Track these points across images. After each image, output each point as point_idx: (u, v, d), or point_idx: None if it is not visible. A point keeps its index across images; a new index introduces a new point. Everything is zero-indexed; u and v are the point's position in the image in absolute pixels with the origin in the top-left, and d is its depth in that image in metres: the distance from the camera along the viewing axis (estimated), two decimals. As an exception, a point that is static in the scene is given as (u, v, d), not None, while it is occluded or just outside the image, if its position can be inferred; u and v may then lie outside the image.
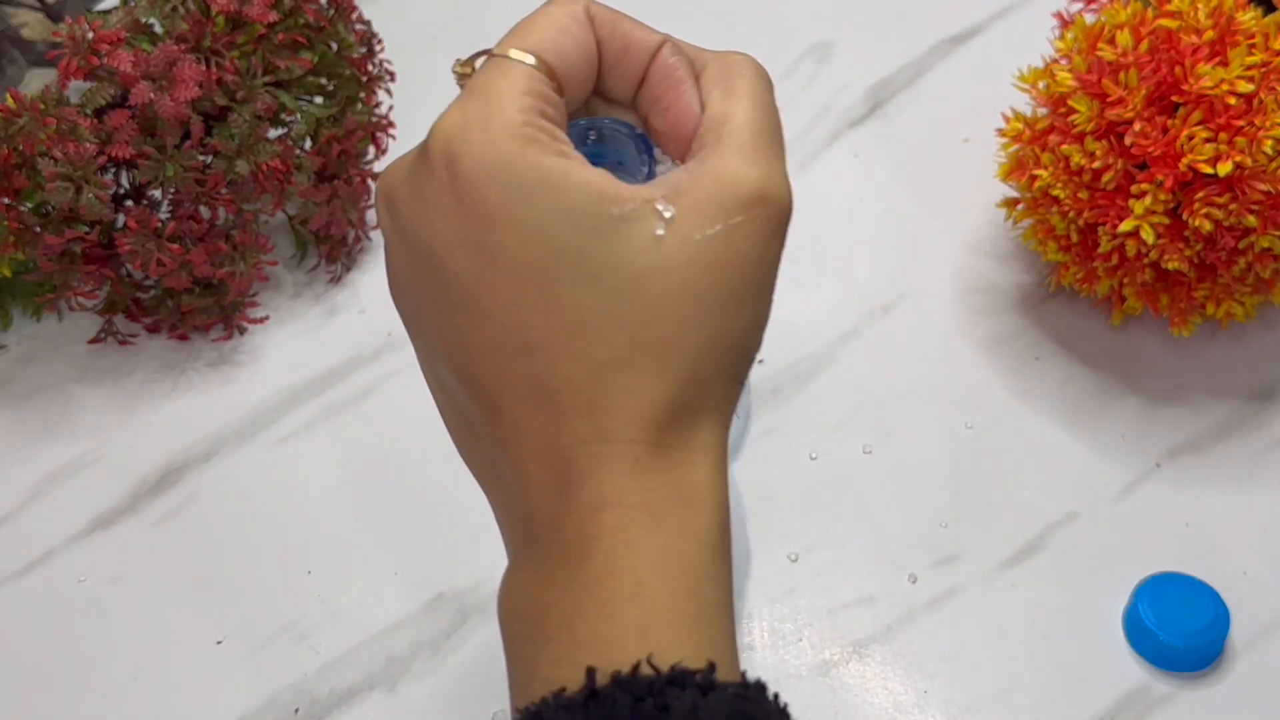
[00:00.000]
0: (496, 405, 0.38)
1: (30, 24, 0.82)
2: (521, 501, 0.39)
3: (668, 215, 0.38)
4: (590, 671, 0.36)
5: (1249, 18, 0.67)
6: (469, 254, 0.38)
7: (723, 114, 0.40)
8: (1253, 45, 0.66)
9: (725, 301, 0.38)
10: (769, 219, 0.39)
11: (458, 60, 0.42)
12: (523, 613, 0.39)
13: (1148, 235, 0.66)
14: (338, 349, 0.76)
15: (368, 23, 0.79)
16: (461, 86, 0.41)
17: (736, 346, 0.39)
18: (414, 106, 0.83)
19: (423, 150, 0.39)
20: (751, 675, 0.37)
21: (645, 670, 0.36)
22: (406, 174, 0.39)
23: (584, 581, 0.37)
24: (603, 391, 0.37)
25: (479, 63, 0.41)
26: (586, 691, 0.35)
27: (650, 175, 0.42)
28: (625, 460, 0.37)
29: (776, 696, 0.37)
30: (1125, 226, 0.67)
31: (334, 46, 0.76)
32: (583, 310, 0.37)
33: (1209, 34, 0.66)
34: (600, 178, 0.38)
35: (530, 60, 0.39)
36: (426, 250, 0.39)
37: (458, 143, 0.38)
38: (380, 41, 0.79)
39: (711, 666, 0.36)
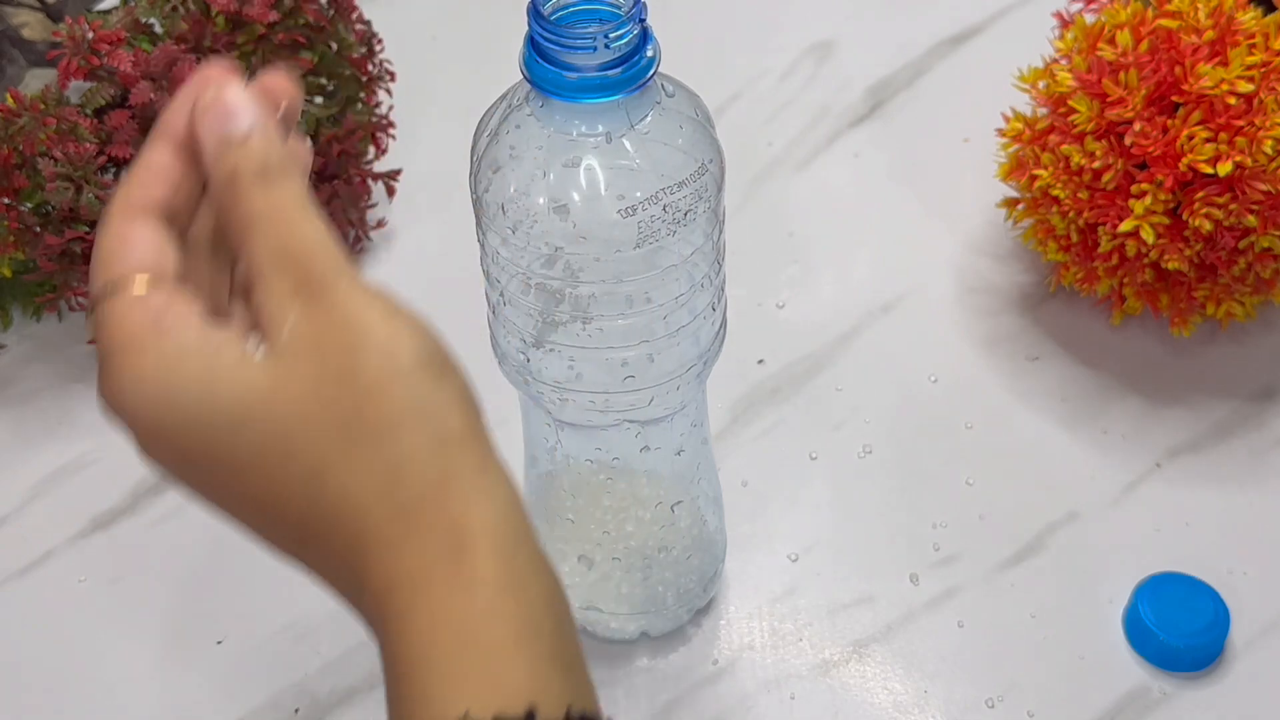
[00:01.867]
0: (295, 558, 0.42)
1: (30, 24, 0.82)
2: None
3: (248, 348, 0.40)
4: None
5: (1249, 18, 0.67)
6: (188, 470, 0.42)
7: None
8: (1253, 45, 0.66)
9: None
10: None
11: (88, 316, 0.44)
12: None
13: (1148, 235, 0.67)
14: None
15: (368, 23, 0.79)
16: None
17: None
18: (414, 106, 0.83)
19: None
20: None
21: None
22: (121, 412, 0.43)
23: (387, 663, 0.40)
24: (326, 505, 0.39)
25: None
26: None
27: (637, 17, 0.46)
28: (381, 542, 0.39)
29: None
30: (1125, 226, 0.67)
31: (334, 46, 0.76)
32: (244, 459, 0.40)
33: (1209, 34, 0.66)
34: (210, 381, 0.40)
35: (138, 288, 0.43)
36: (167, 474, 0.43)
37: (120, 407, 0.42)
38: (380, 41, 0.79)
39: (529, 712, 0.37)
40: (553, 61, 0.48)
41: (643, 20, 0.48)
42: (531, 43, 0.49)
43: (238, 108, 0.42)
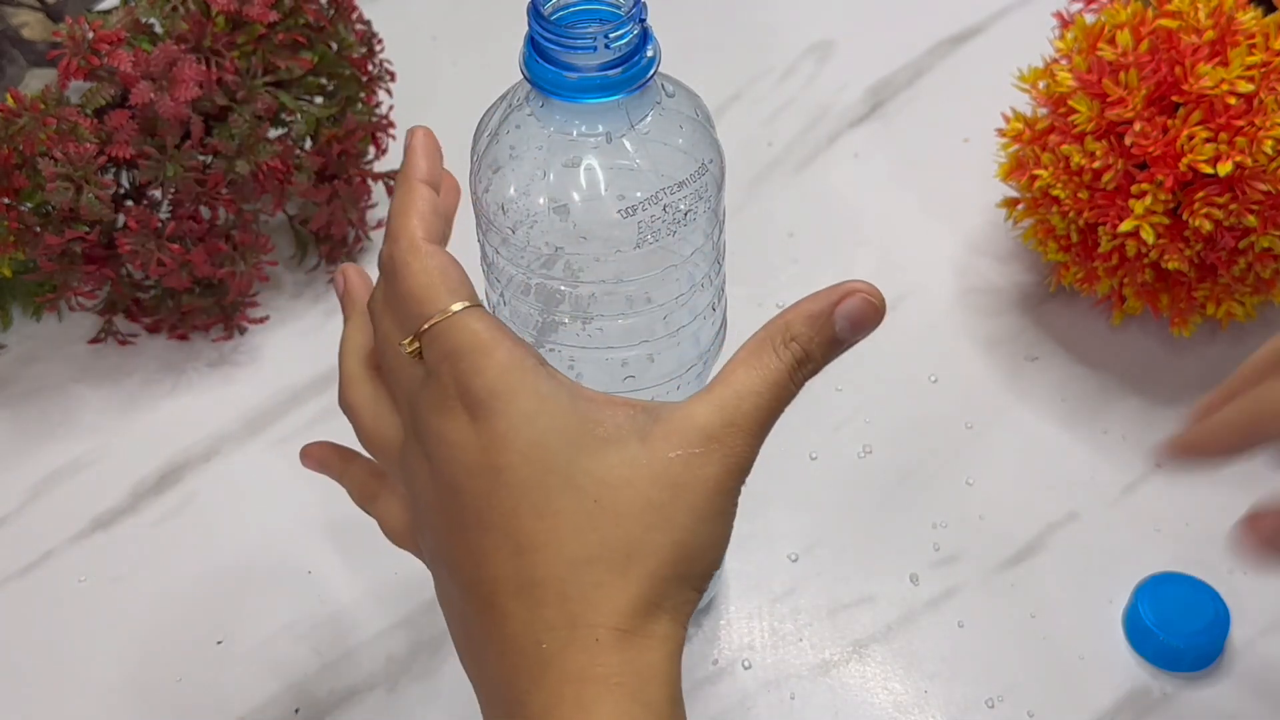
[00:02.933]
0: (490, 601, 0.44)
1: (30, 24, 0.82)
2: (500, 684, 0.44)
3: (645, 438, 0.44)
4: None
5: (1249, 18, 0.67)
6: (483, 477, 0.44)
7: (730, 374, 0.46)
8: (1253, 45, 0.66)
9: (685, 517, 0.43)
10: (726, 459, 0.44)
11: (403, 345, 0.47)
12: None
13: (1148, 235, 0.67)
14: (337, 349, 0.76)
15: (368, 23, 0.79)
16: (418, 357, 0.46)
17: (694, 558, 0.44)
18: (414, 106, 0.83)
19: (435, 384, 0.45)
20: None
21: None
22: (427, 407, 0.46)
23: None
24: (574, 584, 0.43)
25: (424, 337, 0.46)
26: None
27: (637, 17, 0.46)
28: (587, 641, 0.42)
29: None
30: (1125, 226, 0.67)
31: (334, 46, 0.76)
32: (566, 514, 0.43)
33: (1209, 34, 0.66)
34: (586, 402, 0.44)
35: (466, 310, 0.46)
36: (452, 484, 0.44)
37: (467, 380, 0.44)
38: (380, 41, 0.79)
39: None
40: (553, 61, 0.48)
41: (643, 20, 0.48)
42: (531, 42, 0.49)
43: None
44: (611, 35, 0.47)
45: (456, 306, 0.45)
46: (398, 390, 0.48)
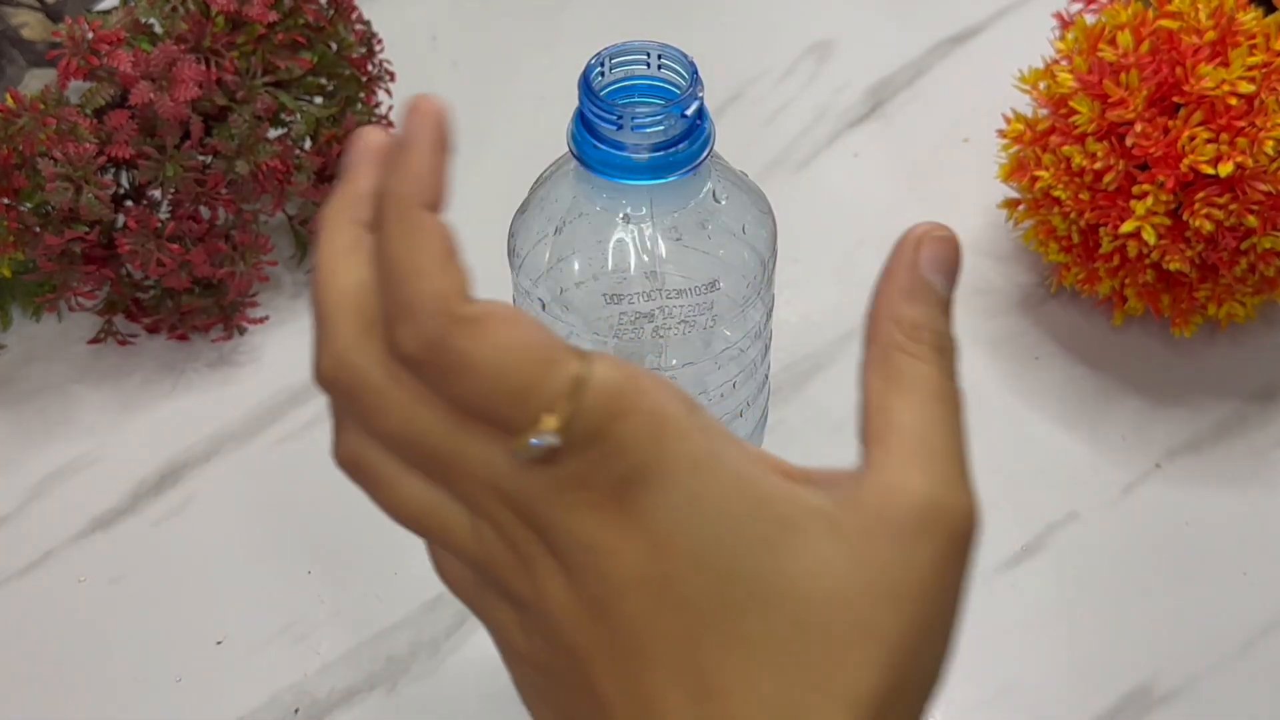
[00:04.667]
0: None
1: (30, 24, 0.82)
2: None
3: (836, 528, 0.33)
4: None
5: (1250, 18, 0.67)
6: (644, 592, 0.32)
7: (884, 407, 0.35)
8: (1254, 46, 0.66)
9: (909, 640, 0.33)
10: (951, 539, 0.34)
11: (546, 427, 0.32)
12: None
13: (1149, 236, 0.66)
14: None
15: (368, 23, 0.79)
16: (563, 435, 0.32)
17: (920, 689, 0.35)
18: (414, 106, 0.83)
19: (588, 460, 0.32)
20: None
21: None
22: (589, 507, 0.33)
23: None
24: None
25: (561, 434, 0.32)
26: None
27: (694, 97, 0.43)
28: None
29: None
30: (1126, 227, 0.67)
31: (334, 46, 0.76)
32: (760, 643, 0.32)
33: (1210, 35, 0.66)
34: (748, 464, 0.33)
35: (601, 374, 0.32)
36: (599, 601, 0.33)
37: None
38: (380, 41, 0.79)
39: None
40: (604, 140, 0.47)
41: (700, 98, 0.46)
42: (582, 119, 0.47)
43: None
44: (667, 118, 0.45)
45: (579, 367, 0.32)
46: (469, 485, 0.34)
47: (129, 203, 0.72)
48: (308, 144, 0.76)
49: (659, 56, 0.46)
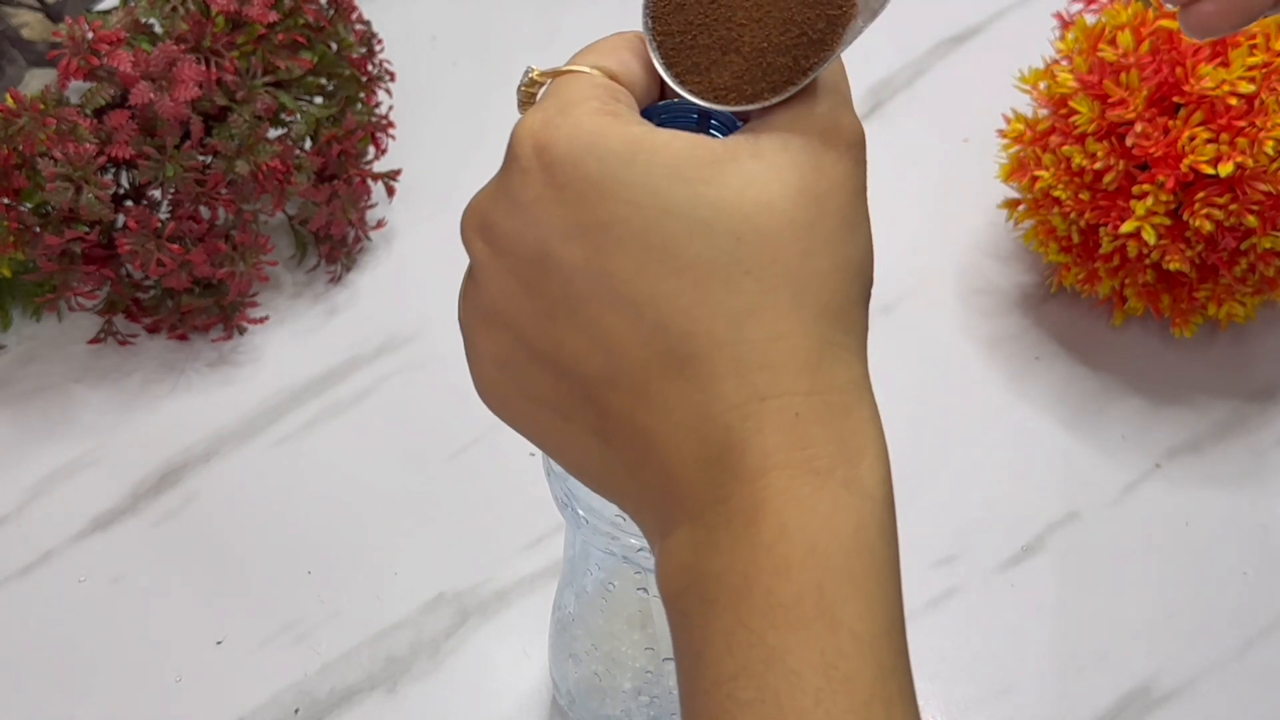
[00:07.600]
0: (642, 392, 0.36)
1: (30, 24, 0.82)
2: (673, 486, 0.37)
3: (758, 152, 0.37)
4: None
5: (1249, 18, 0.67)
6: (583, 240, 0.36)
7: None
8: (1254, 46, 0.66)
9: (838, 229, 0.38)
10: (850, 147, 0.39)
11: (522, 82, 0.41)
12: (689, 586, 0.36)
13: (1149, 236, 0.67)
14: (338, 349, 0.76)
15: (368, 23, 0.79)
16: (524, 106, 0.40)
17: (859, 272, 0.39)
18: (414, 106, 0.83)
19: (507, 161, 0.38)
20: None
21: None
22: (493, 194, 0.39)
23: (754, 546, 0.35)
24: (745, 346, 0.36)
25: (541, 86, 0.41)
26: None
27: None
28: (784, 417, 0.36)
29: None
30: (1126, 227, 0.67)
31: (334, 46, 0.76)
32: (705, 263, 0.36)
33: (1209, 34, 0.66)
34: (685, 135, 0.37)
35: (595, 71, 0.39)
36: (538, 256, 0.37)
37: (544, 133, 0.37)
38: (380, 41, 0.79)
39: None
40: None
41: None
42: None
43: None
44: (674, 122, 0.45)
45: (578, 67, 0.39)
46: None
47: (129, 203, 0.73)
48: (308, 144, 0.76)
49: None
